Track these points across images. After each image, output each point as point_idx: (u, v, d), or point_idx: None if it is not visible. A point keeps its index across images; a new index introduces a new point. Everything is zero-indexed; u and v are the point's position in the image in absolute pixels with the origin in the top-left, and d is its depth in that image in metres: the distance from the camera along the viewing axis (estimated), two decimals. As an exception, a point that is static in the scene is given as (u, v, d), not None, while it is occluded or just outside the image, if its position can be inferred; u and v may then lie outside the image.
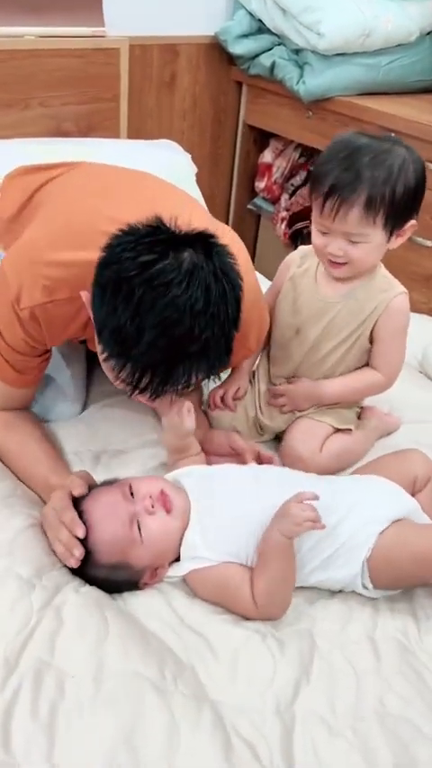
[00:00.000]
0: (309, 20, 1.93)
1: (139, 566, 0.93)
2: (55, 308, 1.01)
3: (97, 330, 0.88)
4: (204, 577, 0.94)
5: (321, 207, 1.03)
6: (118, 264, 0.82)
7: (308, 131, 2.15)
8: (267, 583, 0.90)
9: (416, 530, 0.96)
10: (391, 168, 1.01)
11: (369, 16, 1.93)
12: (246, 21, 2.13)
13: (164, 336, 0.80)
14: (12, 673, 0.79)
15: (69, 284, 0.99)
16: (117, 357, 0.86)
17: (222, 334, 0.84)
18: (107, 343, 0.86)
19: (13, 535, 0.98)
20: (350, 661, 0.87)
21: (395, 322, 1.15)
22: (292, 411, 1.23)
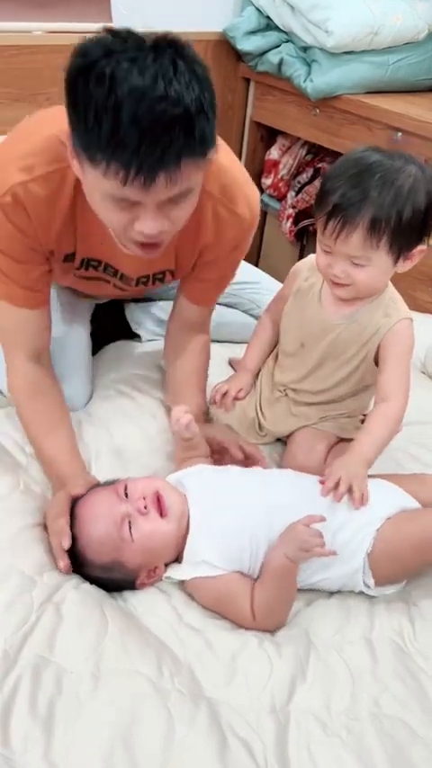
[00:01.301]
0: (317, 17, 1.92)
1: (133, 565, 0.94)
2: (36, 186, 1.00)
3: (77, 134, 0.85)
4: (206, 587, 0.94)
5: (324, 226, 0.99)
6: (83, 57, 0.81)
7: (315, 129, 2.14)
8: (268, 601, 0.91)
9: (411, 518, 0.97)
10: (400, 190, 0.96)
11: (378, 14, 1.92)
12: (254, 17, 2.13)
13: (143, 101, 0.78)
14: (11, 668, 0.80)
15: (45, 159, 1.00)
16: (102, 148, 0.81)
17: (200, 105, 0.81)
18: (91, 136, 0.82)
19: (16, 532, 1.00)
20: (346, 662, 0.88)
21: (399, 346, 1.09)
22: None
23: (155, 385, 1.38)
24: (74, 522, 0.97)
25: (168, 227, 0.92)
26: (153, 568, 0.96)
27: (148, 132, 0.79)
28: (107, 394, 1.35)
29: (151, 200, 0.87)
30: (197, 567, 0.95)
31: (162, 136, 0.80)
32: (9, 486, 1.08)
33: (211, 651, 0.88)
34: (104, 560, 0.94)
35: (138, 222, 0.90)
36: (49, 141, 1.00)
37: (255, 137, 2.42)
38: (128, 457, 1.20)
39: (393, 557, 0.94)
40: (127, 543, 0.93)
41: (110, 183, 0.84)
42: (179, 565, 0.98)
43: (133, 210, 0.89)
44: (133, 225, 0.91)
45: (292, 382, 1.23)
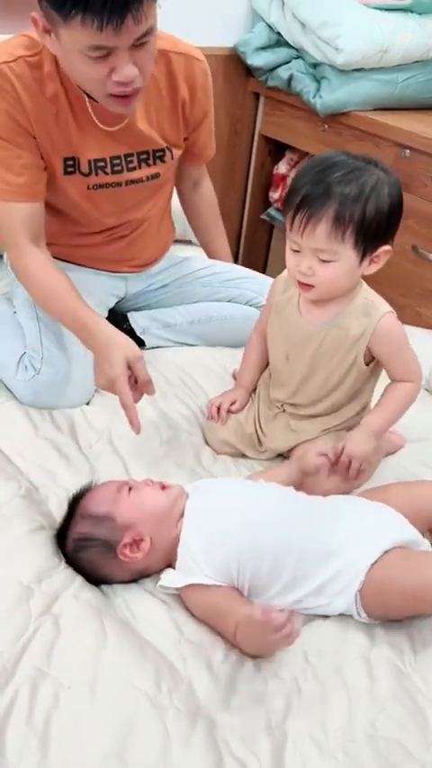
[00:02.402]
0: (327, 35, 1.93)
1: (121, 521, 0.96)
2: (22, 66, 1.15)
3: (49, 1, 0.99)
4: (198, 597, 0.94)
5: (291, 222, 1.02)
6: None
7: (323, 144, 2.15)
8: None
9: (405, 563, 0.95)
10: (363, 186, 0.99)
11: (387, 33, 1.94)
12: (265, 33, 2.15)
13: None
14: (9, 681, 0.80)
15: (23, 48, 1.16)
16: (75, 4, 0.95)
17: None
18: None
19: (15, 539, 1.00)
20: (344, 682, 0.87)
21: (392, 338, 1.12)
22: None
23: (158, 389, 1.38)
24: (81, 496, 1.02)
25: (138, 73, 1.06)
26: (139, 540, 0.96)
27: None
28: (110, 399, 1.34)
29: (124, 43, 1.02)
30: (190, 573, 0.95)
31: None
32: (10, 491, 1.09)
33: (209, 668, 0.88)
34: (100, 510, 0.97)
35: (114, 73, 1.05)
36: (21, 38, 1.17)
37: (263, 151, 2.44)
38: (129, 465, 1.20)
39: (382, 601, 0.94)
40: (123, 497, 0.99)
41: (86, 33, 0.99)
42: (173, 571, 0.98)
43: (108, 61, 1.04)
44: (110, 77, 1.05)
45: (286, 397, 1.23)
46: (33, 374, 1.30)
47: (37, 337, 1.33)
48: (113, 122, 1.25)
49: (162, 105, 1.31)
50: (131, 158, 1.31)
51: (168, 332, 1.55)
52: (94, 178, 1.29)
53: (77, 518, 0.99)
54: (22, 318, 1.39)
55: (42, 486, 1.13)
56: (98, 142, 1.26)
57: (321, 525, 0.99)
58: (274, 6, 2.10)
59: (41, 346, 1.32)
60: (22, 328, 1.38)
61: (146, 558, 0.96)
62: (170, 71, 1.28)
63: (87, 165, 1.27)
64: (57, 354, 1.31)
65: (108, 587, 0.98)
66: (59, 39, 1.03)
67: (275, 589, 0.95)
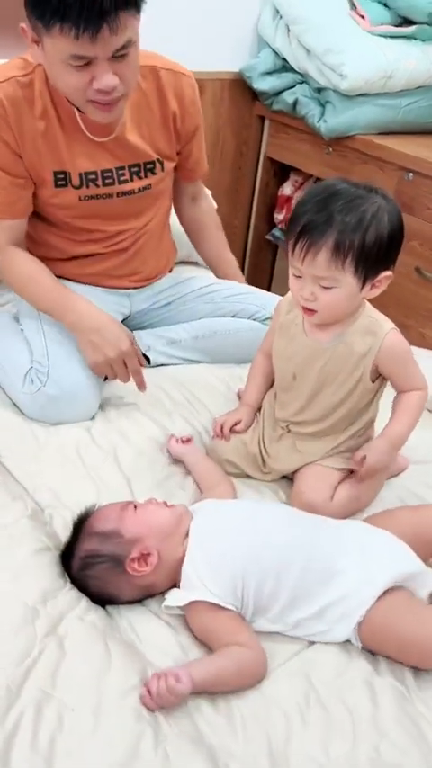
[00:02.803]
0: (332, 61, 1.97)
1: (129, 535, 0.97)
2: (12, 87, 1.22)
3: (33, 11, 1.07)
4: (201, 617, 0.94)
5: (293, 249, 1.04)
6: None
7: (327, 167, 2.18)
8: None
9: (404, 611, 0.94)
10: (363, 214, 1.01)
11: (391, 59, 1.97)
12: (270, 59, 2.19)
13: None
14: (14, 703, 0.81)
15: (15, 69, 1.24)
16: (54, 12, 1.03)
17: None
18: (44, 6, 1.04)
19: (21, 559, 1.01)
20: (347, 706, 0.87)
21: (397, 354, 1.14)
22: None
23: (160, 409, 1.41)
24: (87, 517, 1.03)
25: (119, 83, 1.13)
26: (146, 554, 0.96)
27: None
28: (115, 419, 1.37)
29: (102, 53, 1.08)
30: (194, 591, 0.95)
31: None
32: (17, 512, 1.10)
33: (210, 694, 0.87)
34: (107, 527, 0.98)
35: (95, 81, 1.11)
36: (16, 61, 1.25)
37: (268, 172, 2.47)
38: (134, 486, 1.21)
39: (378, 643, 0.94)
40: (129, 514, 1.01)
41: (65, 42, 1.06)
42: (177, 591, 0.98)
43: (89, 70, 1.11)
44: (91, 85, 1.12)
45: (292, 415, 1.24)
46: (39, 387, 1.32)
47: (43, 351, 1.36)
48: (103, 133, 1.30)
49: (153, 119, 1.36)
50: (123, 171, 1.36)
51: (173, 348, 1.56)
52: (86, 190, 1.34)
53: (84, 536, 1.00)
54: (28, 333, 1.41)
55: (48, 507, 1.14)
56: (88, 155, 1.31)
57: (325, 547, 0.99)
58: (279, 33, 2.14)
59: (47, 359, 1.34)
60: (29, 344, 1.40)
61: (153, 574, 0.97)
62: (159, 86, 1.34)
63: (78, 177, 1.33)
64: (62, 368, 1.33)
65: (113, 609, 0.98)
66: (44, 48, 1.11)
67: (277, 608, 0.95)
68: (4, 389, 1.40)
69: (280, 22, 2.13)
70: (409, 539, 1.02)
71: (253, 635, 0.93)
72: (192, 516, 1.05)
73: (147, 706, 0.84)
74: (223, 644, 0.90)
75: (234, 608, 0.94)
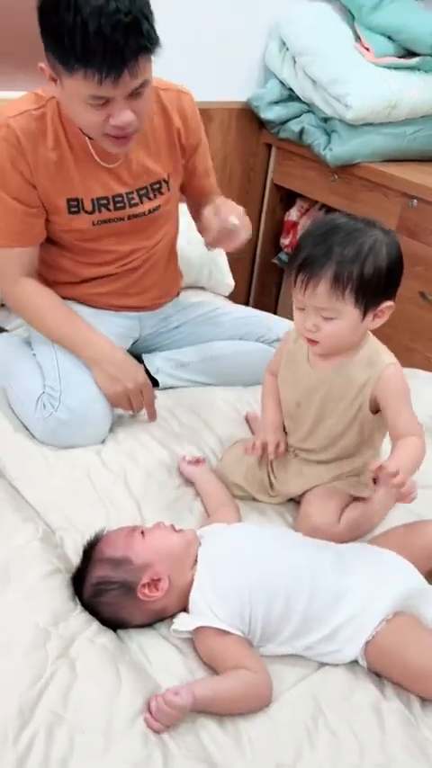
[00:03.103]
0: (337, 91, 2.01)
1: (139, 561, 0.98)
2: (26, 120, 1.28)
3: (54, 53, 1.13)
4: (208, 642, 0.96)
5: (294, 281, 1.06)
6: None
7: (333, 194, 2.22)
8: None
9: (409, 639, 0.95)
10: (361, 246, 1.03)
11: (395, 89, 2.02)
12: (277, 89, 2.24)
13: (102, 17, 1.06)
14: (26, 724, 0.82)
15: (29, 103, 1.30)
16: (79, 59, 1.09)
17: (142, 13, 1.10)
18: (68, 52, 1.09)
19: (33, 581, 1.02)
20: (353, 730, 0.88)
21: (395, 388, 1.13)
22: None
23: (169, 432, 1.43)
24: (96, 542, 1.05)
25: (134, 119, 1.19)
26: (157, 579, 0.98)
27: (111, 40, 1.07)
28: (125, 443, 1.39)
29: (120, 94, 1.15)
30: (202, 616, 0.97)
31: (121, 40, 1.08)
32: (28, 534, 1.11)
33: (218, 716, 0.89)
34: (117, 554, 0.99)
35: (112, 117, 1.17)
36: (29, 96, 1.31)
37: (275, 198, 2.51)
38: (144, 508, 1.23)
39: (383, 666, 0.95)
40: (138, 540, 1.02)
41: (87, 85, 1.12)
42: (185, 615, 1.00)
43: (106, 108, 1.16)
44: (108, 121, 1.18)
45: (299, 441, 1.26)
46: (51, 411, 1.34)
47: (56, 376, 1.38)
48: (112, 159, 1.36)
49: (159, 138, 1.42)
50: (132, 194, 1.41)
51: (182, 371, 1.59)
52: (98, 215, 1.39)
53: (94, 563, 1.01)
54: (40, 358, 1.45)
55: (59, 529, 1.16)
56: (99, 181, 1.36)
57: (330, 569, 1.01)
58: (286, 64, 2.20)
59: (60, 384, 1.37)
60: (41, 368, 1.43)
61: (164, 599, 0.98)
62: (162, 106, 1.40)
63: (91, 203, 1.38)
64: (74, 393, 1.36)
65: (123, 632, 1.00)
66: (63, 87, 1.17)
67: (287, 633, 0.97)
68: (15, 413, 1.42)
69: (286, 53, 2.19)
70: (409, 555, 1.04)
71: (259, 659, 0.94)
72: (200, 541, 1.06)
73: (151, 727, 0.85)
74: (229, 667, 0.92)
75: (241, 633, 0.96)
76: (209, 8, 2.11)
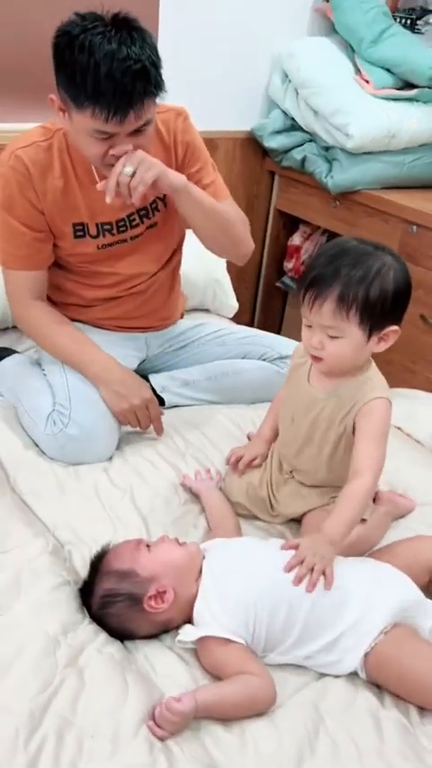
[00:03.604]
0: (338, 122, 2.09)
1: (145, 574, 1.02)
2: (34, 150, 1.35)
3: (66, 89, 1.20)
4: (212, 651, 0.98)
5: (303, 299, 1.10)
6: (67, 34, 1.17)
7: (335, 219, 2.29)
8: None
9: (407, 650, 0.98)
10: (368, 269, 1.06)
11: (394, 120, 2.09)
12: (280, 119, 2.32)
13: (114, 62, 1.14)
14: (37, 728, 0.85)
15: (37, 136, 1.37)
16: (89, 97, 1.17)
17: (151, 61, 1.18)
18: (79, 89, 1.17)
19: (44, 592, 1.06)
20: (353, 738, 0.91)
21: (373, 423, 1.13)
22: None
23: (174, 450, 1.47)
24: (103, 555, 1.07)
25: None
26: (162, 591, 1.01)
27: (120, 84, 1.15)
28: (132, 460, 1.43)
29: (124, 131, 1.23)
30: (206, 626, 1.00)
31: (129, 85, 1.16)
32: (38, 548, 1.15)
33: (222, 722, 0.91)
34: (124, 567, 1.03)
35: (112, 148, 1.25)
36: (37, 128, 1.39)
37: (278, 224, 2.58)
38: (150, 524, 1.26)
39: (381, 677, 0.98)
40: (144, 553, 1.05)
41: (95, 121, 1.20)
42: (190, 626, 1.03)
43: (109, 141, 1.24)
44: (109, 152, 1.25)
45: (292, 456, 1.28)
46: (61, 428, 1.39)
47: (65, 394, 1.43)
48: None
49: (158, 156, 1.40)
50: (133, 216, 1.47)
51: (186, 389, 1.63)
52: (102, 239, 1.46)
53: (102, 576, 1.04)
54: (50, 377, 1.49)
55: (67, 543, 1.19)
56: (103, 208, 1.40)
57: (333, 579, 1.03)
58: (288, 95, 2.28)
59: (69, 401, 1.42)
60: (51, 387, 1.47)
61: (169, 610, 1.02)
62: (156, 127, 1.41)
63: (95, 227, 1.44)
64: (84, 410, 1.40)
65: (130, 642, 1.03)
66: (71, 119, 1.25)
67: (289, 641, 0.99)
68: (26, 430, 1.47)
69: (289, 85, 2.27)
70: (406, 569, 1.07)
71: (262, 664, 0.97)
72: (203, 555, 1.10)
73: (154, 734, 0.88)
74: (232, 673, 0.95)
75: (244, 642, 0.99)
76: (215, 43, 2.20)
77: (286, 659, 1.00)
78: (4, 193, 1.38)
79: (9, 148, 1.37)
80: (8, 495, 1.28)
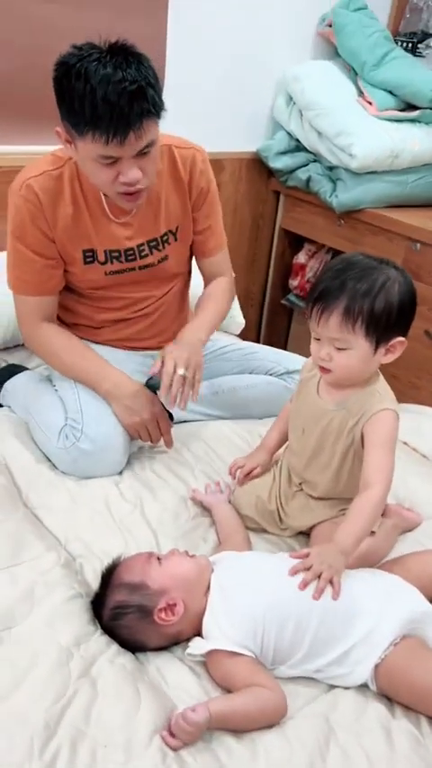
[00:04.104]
0: (342, 142, 2.13)
1: (155, 586, 1.03)
2: (43, 179, 1.37)
3: (68, 118, 1.23)
4: (221, 664, 0.99)
5: (311, 312, 1.13)
6: (65, 64, 1.19)
7: (339, 238, 2.32)
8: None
9: (417, 661, 0.98)
10: (374, 282, 1.08)
11: (397, 140, 2.13)
12: (285, 140, 2.36)
13: (109, 85, 1.16)
14: (51, 738, 0.86)
15: (48, 164, 1.39)
16: (87, 123, 1.19)
17: (148, 82, 1.19)
18: (78, 116, 1.19)
19: (56, 604, 1.07)
20: (364, 749, 0.91)
21: (378, 434, 1.14)
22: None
23: (183, 464, 1.49)
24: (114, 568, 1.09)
25: (142, 176, 1.28)
26: (173, 604, 1.02)
27: (117, 106, 1.17)
28: (142, 474, 1.45)
29: (127, 153, 1.24)
30: (214, 639, 1.01)
31: (126, 107, 1.17)
32: (51, 561, 1.17)
33: (234, 734, 0.92)
34: (134, 579, 1.04)
35: (121, 175, 1.26)
36: (48, 157, 1.41)
37: (283, 243, 2.62)
38: (160, 537, 1.27)
39: (392, 688, 0.98)
40: (154, 566, 1.07)
41: (96, 146, 1.21)
42: (199, 639, 1.04)
43: (116, 166, 1.26)
44: (118, 179, 1.27)
45: (298, 467, 1.29)
46: (73, 442, 1.41)
47: (77, 409, 1.45)
48: (124, 215, 1.44)
49: (169, 191, 1.48)
50: (143, 246, 1.49)
51: (195, 404, 1.65)
52: (110, 266, 1.48)
53: (113, 588, 1.06)
54: (62, 393, 1.52)
55: (79, 557, 1.21)
56: (113, 236, 1.45)
57: (342, 592, 1.04)
58: (293, 117, 2.32)
59: (81, 416, 1.44)
60: (63, 402, 1.50)
61: (179, 623, 1.03)
62: (173, 160, 1.48)
63: (104, 254, 1.46)
64: (95, 425, 1.42)
65: (141, 654, 1.04)
66: (77, 148, 1.27)
67: (299, 655, 1.00)
68: (38, 445, 1.49)
69: (293, 107, 2.32)
70: (415, 581, 1.08)
71: (272, 677, 0.98)
72: (212, 568, 1.11)
73: (168, 744, 0.89)
74: (243, 686, 0.95)
75: (252, 654, 0.99)
76: (221, 66, 2.25)
77: (296, 672, 1.01)
78: (16, 222, 1.40)
79: (20, 178, 1.39)
80: (20, 510, 1.30)
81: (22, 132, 1.93)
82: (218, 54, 2.22)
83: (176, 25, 2.07)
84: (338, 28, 2.26)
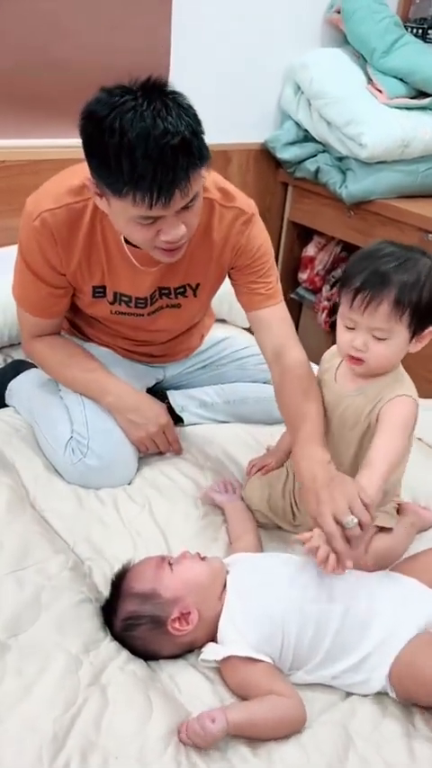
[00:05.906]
0: (352, 132, 2.09)
1: (167, 595, 0.99)
2: (62, 212, 1.24)
3: (101, 177, 1.07)
4: (237, 671, 0.96)
5: (351, 301, 1.08)
6: (92, 117, 1.03)
7: (349, 229, 2.28)
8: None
9: (429, 654, 0.96)
10: (419, 274, 1.07)
11: (408, 129, 2.08)
12: (293, 130, 2.32)
13: (149, 141, 0.99)
14: (61, 749, 0.84)
15: (70, 195, 1.24)
16: (127, 183, 1.03)
17: (191, 130, 1.03)
18: (116, 176, 1.03)
19: (65, 609, 1.05)
20: (384, 758, 0.89)
21: (392, 419, 1.12)
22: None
23: (193, 464, 1.46)
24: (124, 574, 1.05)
25: (185, 230, 1.13)
26: (187, 613, 0.99)
27: (160, 163, 1.01)
28: (150, 474, 1.42)
29: (171, 212, 1.08)
30: (232, 644, 0.98)
31: (170, 162, 1.01)
32: (59, 564, 1.14)
33: (250, 742, 0.90)
34: (146, 588, 1.00)
35: (162, 233, 1.11)
36: (73, 185, 1.25)
37: (292, 235, 2.58)
38: (169, 538, 1.25)
39: (406, 687, 0.96)
40: (166, 572, 1.03)
41: (137, 208, 1.06)
42: (214, 645, 1.01)
43: (156, 225, 1.10)
44: (158, 236, 1.12)
45: None
46: (80, 457, 1.36)
47: (83, 421, 1.40)
48: (151, 264, 1.29)
49: (196, 249, 1.32)
50: (154, 294, 1.38)
51: (205, 410, 1.62)
52: (118, 307, 1.39)
53: (123, 597, 1.02)
54: (68, 403, 1.46)
55: (87, 560, 1.18)
56: (127, 280, 1.33)
57: (361, 597, 1.02)
58: (301, 106, 2.28)
59: (87, 430, 1.39)
60: (68, 410, 1.44)
61: (194, 631, 1.00)
62: (209, 219, 1.30)
63: (113, 295, 1.36)
64: (102, 440, 1.38)
65: (153, 661, 1.01)
66: (110, 205, 1.11)
67: (317, 660, 0.97)
68: (45, 455, 1.45)
69: (301, 97, 2.27)
70: (430, 582, 1.06)
71: (290, 684, 0.95)
72: (227, 570, 1.08)
73: (182, 741, 0.87)
74: (261, 694, 0.93)
75: (270, 659, 0.97)
76: (228, 55, 2.21)
77: (313, 678, 0.98)
78: (26, 246, 1.30)
79: (37, 203, 1.26)
80: (28, 512, 1.27)
81: (28, 126, 1.89)
82: (225, 42, 2.18)
83: (182, 13, 2.03)
84: (347, 14, 2.22)
